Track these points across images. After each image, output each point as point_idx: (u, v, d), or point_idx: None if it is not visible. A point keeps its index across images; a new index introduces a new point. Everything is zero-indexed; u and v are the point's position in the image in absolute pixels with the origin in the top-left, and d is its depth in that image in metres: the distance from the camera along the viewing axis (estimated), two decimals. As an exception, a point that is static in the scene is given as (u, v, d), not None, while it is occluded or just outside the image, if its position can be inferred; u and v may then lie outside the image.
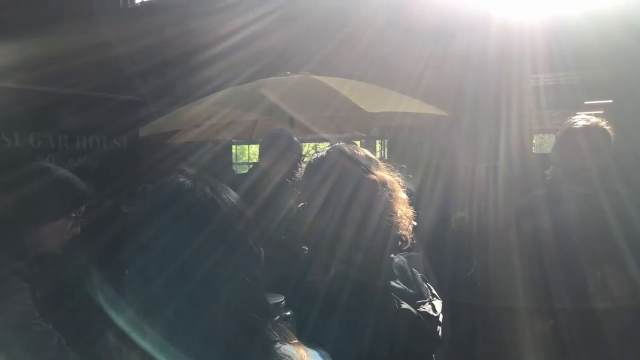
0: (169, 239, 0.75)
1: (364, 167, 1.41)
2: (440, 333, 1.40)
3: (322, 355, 0.96)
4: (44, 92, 3.12)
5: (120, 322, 0.79)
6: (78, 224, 1.60)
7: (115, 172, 3.59)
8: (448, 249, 3.74)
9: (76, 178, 1.63)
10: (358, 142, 7.00)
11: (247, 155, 12.37)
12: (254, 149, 12.05)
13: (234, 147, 10.10)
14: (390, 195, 1.40)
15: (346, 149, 1.47)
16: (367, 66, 5.46)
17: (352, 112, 3.39)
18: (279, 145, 2.89)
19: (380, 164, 1.48)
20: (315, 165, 1.44)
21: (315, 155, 1.49)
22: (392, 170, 1.48)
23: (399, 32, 6.15)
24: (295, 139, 3.04)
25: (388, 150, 6.96)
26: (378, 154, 7.55)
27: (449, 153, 5.12)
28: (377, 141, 7.78)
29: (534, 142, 7.51)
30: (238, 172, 10.08)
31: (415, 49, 5.94)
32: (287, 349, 0.86)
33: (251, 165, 11.25)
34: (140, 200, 0.86)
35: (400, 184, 1.46)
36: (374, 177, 1.40)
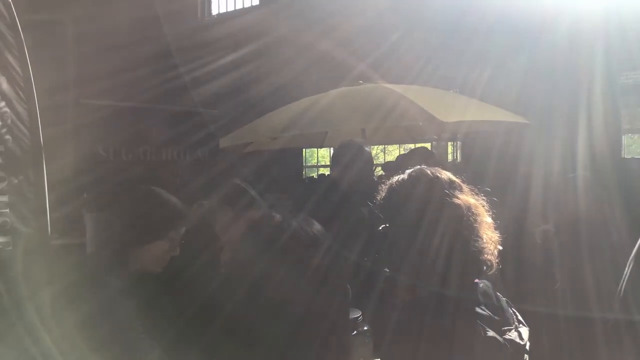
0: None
1: (447, 191, 1.39)
2: (527, 361, 1.36)
3: None
4: (133, 108, 3.35)
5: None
6: (177, 245, 1.70)
7: (197, 182, 3.78)
8: (528, 263, 3.58)
9: (177, 200, 1.72)
10: (429, 145, 6.87)
11: (315, 158, 12.48)
12: (323, 152, 12.15)
13: (303, 150, 10.26)
14: (475, 220, 1.38)
15: (428, 171, 1.46)
16: (439, 72, 5.36)
17: (426, 122, 3.34)
18: (348, 156, 2.91)
19: (464, 187, 1.45)
20: (397, 188, 1.44)
21: (397, 178, 1.48)
22: (477, 194, 1.45)
23: (473, 37, 5.99)
24: (367, 149, 3.04)
25: (461, 154, 6.79)
26: (450, 156, 7.37)
27: (529, 160, 4.90)
28: (449, 143, 7.60)
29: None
30: (307, 174, 10.23)
31: (491, 53, 5.77)
32: None
33: (320, 168, 11.39)
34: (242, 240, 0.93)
35: (485, 207, 1.42)
36: (458, 201, 1.38)
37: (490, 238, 1.38)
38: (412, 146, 9.36)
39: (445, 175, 1.46)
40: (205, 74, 7.12)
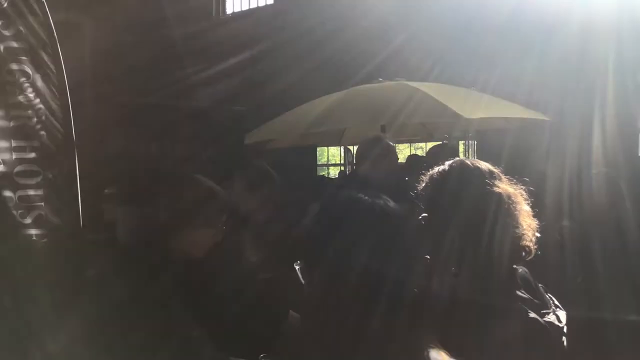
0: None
1: (488, 180, 1.46)
2: (565, 343, 1.42)
3: None
4: (162, 105, 3.44)
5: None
6: (221, 232, 1.76)
7: (222, 177, 3.86)
8: (547, 259, 3.62)
9: (219, 189, 1.79)
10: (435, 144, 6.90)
11: (326, 157, 12.53)
12: (333, 150, 12.20)
13: (316, 148, 10.33)
14: (515, 208, 1.44)
15: (468, 162, 1.52)
16: (450, 71, 5.41)
17: (450, 119, 3.40)
18: (376, 151, 2.96)
19: (503, 176, 1.52)
20: (439, 178, 1.51)
21: (438, 169, 1.55)
22: (515, 184, 1.52)
23: (484, 36, 6.03)
24: (391, 144, 3.10)
25: (477, 153, 6.82)
26: (461, 155, 7.40)
27: (545, 158, 4.94)
28: (461, 142, 7.63)
29: None
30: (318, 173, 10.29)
31: (503, 52, 5.80)
32: (433, 353, 0.95)
33: (330, 167, 11.44)
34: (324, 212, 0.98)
35: (524, 196, 1.49)
36: (498, 189, 1.45)
37: (529, 225, 1.45)
38: (422, 145, 9.39)
39: (484, 165, 1.53)
40: (229, 70, 7.24)
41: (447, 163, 1.55)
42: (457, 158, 1.57)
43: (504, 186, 1.47)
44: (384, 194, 2.91)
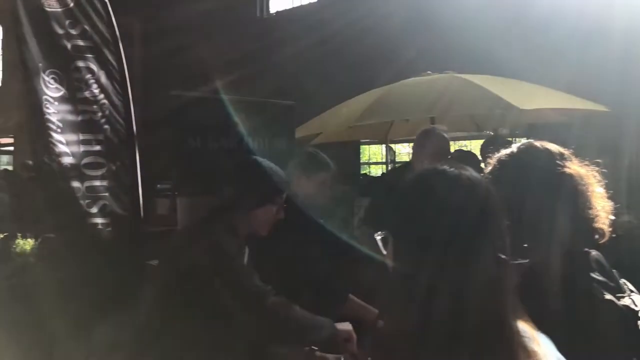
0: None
1: (558, 162, 1.44)
2: (640, 328, 1.38)
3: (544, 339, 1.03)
4: (218, 99, 3.54)
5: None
6: (282, 209, 1.82)
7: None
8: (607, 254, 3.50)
9: (278, 168, 1.85)
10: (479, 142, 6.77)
11: (367, 156, 12.48)
12: (374, 149, 12.15)
13: (359, 147, 10.32)
14: (587, 189, 1.41)
15: (537, 144, 1.50)
16: (502, 64, 5.28)
17: (504, 110, 3.34)
18: (433, 144, 2.93)
19: (573, 158, 1.49)
20: (509, 160, 1.50)
21: (506, 151, 1.53)
22: (587, 165, 1.49)
23: (538, 27, 5.87)
24: (446, 136, 3.06)
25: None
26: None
27: (605, 151, 4.76)
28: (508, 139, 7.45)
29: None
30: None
31: (561, 44, 5.63)
32: (522, 325, 0.95)
33: (371, 165, 11.40)
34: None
35: (597, 177, 1.46)
36: (569, 170, 1.42)
37: (602, 207, 1.41)
38: (467, 143, 9.20)
39: (554, 147, 1.50)
40: (279, 65, 7.35)
41: (515, 146, 1.53)
42: (526, 141, 1.55)
43: (576, 167, 1.44)
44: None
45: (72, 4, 3.25)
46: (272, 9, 10.33)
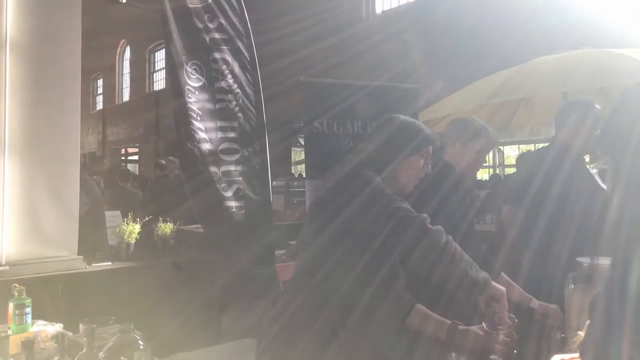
0: None
1: None
2: None
3: None
4: (342, 84, 3.56)
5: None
6: (429, 162, 1.73)
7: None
8: None
9: (423, 124, 1.78)
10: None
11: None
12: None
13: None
14: None
15: None
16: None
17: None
18: (578, 115, 2.67)
19: None
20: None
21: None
22: None
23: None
24: (597, 106, 2.75)
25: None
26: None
27: None
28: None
29: None
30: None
31: None
32: None
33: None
34: None
35: None
36: None
37: None
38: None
39: None
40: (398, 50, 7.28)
41: None
42: None
43: None
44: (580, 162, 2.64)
45: (210, 0, 3.48)
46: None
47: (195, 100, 3.40)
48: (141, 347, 1.55)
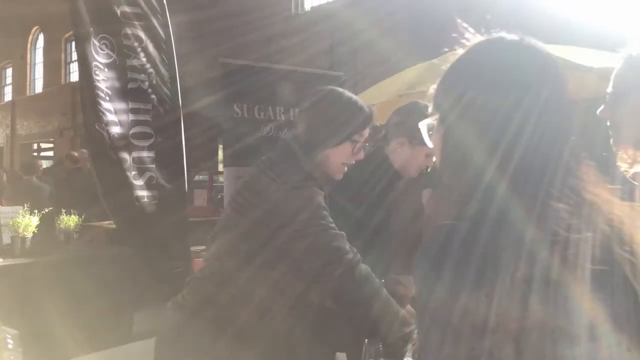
0: None
1: None
2: None
3: None
4: (265, 68, 3.41)
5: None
6: (362, 147, 1.56)
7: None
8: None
9: (361, 101, 1.60)
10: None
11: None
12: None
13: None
14: None
15: None
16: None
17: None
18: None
19: None
20: None
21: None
22: None
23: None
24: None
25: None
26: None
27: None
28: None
29: None
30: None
31: None
32: None
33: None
34: None
35: None
36: None
37: None
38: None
39: None
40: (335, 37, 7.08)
41: None
42: None
43: None
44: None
45: (119, -31, 3.18)
46: None
47: (104, 79, 3.09)
48: (10, 346, 1.34)
